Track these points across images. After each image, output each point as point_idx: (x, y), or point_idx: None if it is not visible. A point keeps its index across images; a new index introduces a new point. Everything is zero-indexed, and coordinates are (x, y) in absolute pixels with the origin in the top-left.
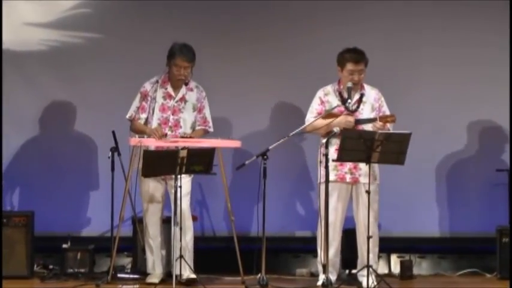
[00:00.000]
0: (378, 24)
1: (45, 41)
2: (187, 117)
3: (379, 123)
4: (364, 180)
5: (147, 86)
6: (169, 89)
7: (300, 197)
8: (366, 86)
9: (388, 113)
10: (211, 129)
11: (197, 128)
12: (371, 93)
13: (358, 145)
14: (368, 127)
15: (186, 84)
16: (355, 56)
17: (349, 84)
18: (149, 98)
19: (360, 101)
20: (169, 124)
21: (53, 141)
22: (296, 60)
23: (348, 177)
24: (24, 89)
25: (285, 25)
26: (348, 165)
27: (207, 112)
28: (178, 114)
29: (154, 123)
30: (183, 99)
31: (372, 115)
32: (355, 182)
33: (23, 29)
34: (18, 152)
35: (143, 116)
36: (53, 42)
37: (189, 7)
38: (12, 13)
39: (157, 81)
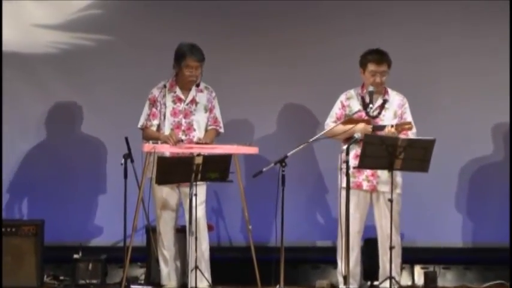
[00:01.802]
0: (398, 30)
1: (54, 43)
2: (200, 119)
3: (392, 130)
4: (383, 188)
5: (155, 92)
6: (179, 92)
7: (319, 205)
8: (390, 91)
9: (409, 120)
10: (222, 130)
11: (208, 128)
12: (395, 99)
13: (380, 151)
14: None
15: (198, 85)
16: (377, 56)
17: (371, 88)
18: (159, 104)
19: (382, 106)
20: (182, 128)
21: (63, 147)
22: (315, 65)
23: (365, 185)
24: (32, 92)
25: (304, 30)
26: (365, 172)
27: (217, 112)
28: (191, 117)
29: (166, 128)
30: (193, 101)
31: (393, 122)
32: (372, 189)
33: (32, 31)
34: (26, 158)
35: (155, 122)
36: (62, 45)
37: (204, 10)
38: (21, 14)
39: (164, 86)
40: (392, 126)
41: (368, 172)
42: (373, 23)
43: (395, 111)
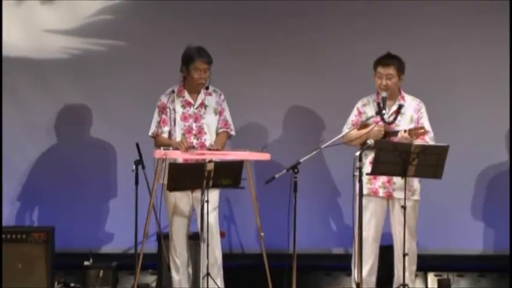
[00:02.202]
0: (416, 34)
1: (65, 49)
2: (210, 123)
3: (405, 135)
4: (398, 195)
5: (164, 99)
6: (187, 97)
7: (332, 212)
8: (406, 96)
9: (427, 126)
10: (233, 132)
11: (219, 131)
12: (411, 104)
13: (393, 158)
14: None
15: (207, 88)
16: (384, 59)
17: (384, 94)
18: (168, 110)
19: (397, 111)
20: (194, 132)
21: (73, 153)
22: (328, 70)
23: (381, 192)
24: (43, 98)
25: (316, 34)
26: (381, 178)
27: (227, 114)
28: (201, 121)
29: (178, 134)
30: (202, 105)
31: (410, 127)
32: (388, 196)
33: (43, 36)
34: (36, 163)
35: (166, 128)
36: (74, 50)
37: (219, 15)
38: (32, 19)
39: (173, 91)
40: (405, 131)
41: (384, 178)
42: (388, 27)
43: (411, 116)
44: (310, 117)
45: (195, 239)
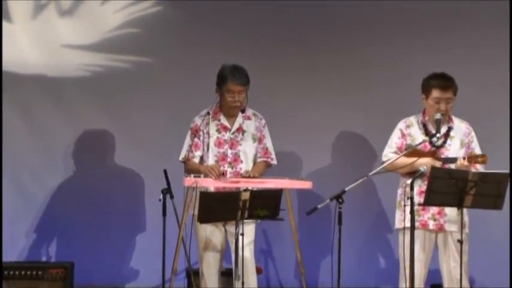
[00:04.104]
0: (466, 54)
1: (86, 66)
2: (247, 150)
3: (465, 163)
4: (450, 227)
5: (198, 121)
6: (223, 120)
7: (379, 246)
8: (454, 118)
9: (477, 150)
10: (275, 162)
11: (258, 160)
12: (460, 127)
13: (448, 187)
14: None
15: (243, 111)
16: (442, 82)
17: (438, 116)
18: (201, 134)
19: (447, 135)
20: (228, 159)
21: (94, 181)
22: (372, 90)
23: (431, 224)
24: (61, 120)
25: (359, 51)
26: (431, 210)
27: (268, 142)
28: (237, 147)
29: (210, 160)
30: (240, 130)
31: (460, 152)
32: (439, 229)
33: (61, 52)
34: (54, 193)
35: (197, 153)
36: (95, 67)
37: (254, 27)
38: (49, 33)
39: (208, 113)
40: (464, 158)
41: (434, 210)
42: (437, 43)
43: (461, 140)
44: (354, 141)
45: (228, 276)
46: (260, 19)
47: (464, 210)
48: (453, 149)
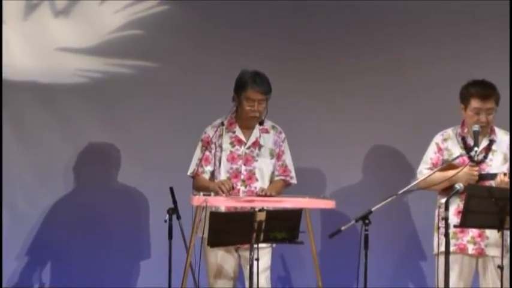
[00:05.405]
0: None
1: (83, 71)
2: (263, 167)
3: (505, 179)
4: (492, 252)
5: (210, 132)
6: (238, 133)
7: (410, 273)
8: (497, 129)
9: None
10: (294, 181)
11: (276, 178)
12: (503, 140)
13: (487, 206)
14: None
15: (261, 123)
16: (482, 90)
17: (476, 128)
18: (213, 146)
19: (488, 148)
20: (242, 177)
21: (93, 199)
22: (402, 98)
23: (471, 248)
24: (56, 132)
25: (389, 55)
26: (471, 232)
27: (287, 158)
28: (252, 164)
29: (222, 177)
30: (256, 144)
31: (503, 168)
32: (479, 254)
33: (56, 56)
34: (49, 213)
35: (208, 168)
36: (93, 73)
37: (270, 28)
38: (43, 36)
39: (222, 124)
40: (505, 174)
41: (474, 232)
42: (470, 46)
43: (504, 154)
44: (383, 155)
45: None
46: (278, 19)
47: (507, 232)
48: (495, 164)
